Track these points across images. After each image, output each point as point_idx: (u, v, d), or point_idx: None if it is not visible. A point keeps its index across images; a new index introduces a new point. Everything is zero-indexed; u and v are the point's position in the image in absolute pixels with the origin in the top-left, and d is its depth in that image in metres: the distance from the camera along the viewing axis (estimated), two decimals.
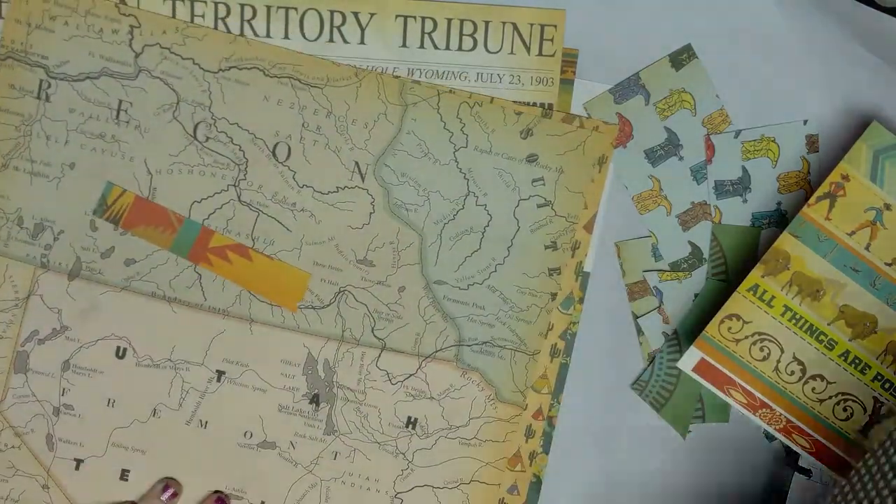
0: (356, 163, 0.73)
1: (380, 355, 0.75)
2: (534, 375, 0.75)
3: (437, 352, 0.75)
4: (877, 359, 0.70)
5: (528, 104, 0.72)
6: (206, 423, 0.75)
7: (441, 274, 0.74)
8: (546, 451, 0.76)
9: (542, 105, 0.72)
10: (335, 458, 0.76)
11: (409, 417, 0.76)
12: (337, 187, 0.74)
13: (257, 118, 0.73)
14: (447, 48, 0.72)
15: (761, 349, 0.71)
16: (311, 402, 0.75)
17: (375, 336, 0.75)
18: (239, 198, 0.74)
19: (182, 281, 0.74)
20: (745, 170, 0.74)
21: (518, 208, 0.74)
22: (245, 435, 0.75)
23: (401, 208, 0.74)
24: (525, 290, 0.74)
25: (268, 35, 0.72)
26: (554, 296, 0.74)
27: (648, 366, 0.75)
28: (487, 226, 0.74)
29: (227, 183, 0.73)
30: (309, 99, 0.73)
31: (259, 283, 0.74)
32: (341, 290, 0.74)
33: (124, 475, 0.75)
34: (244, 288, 0.74)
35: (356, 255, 0.74)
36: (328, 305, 0.74)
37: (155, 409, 0.75)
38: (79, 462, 0.75)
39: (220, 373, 0.75)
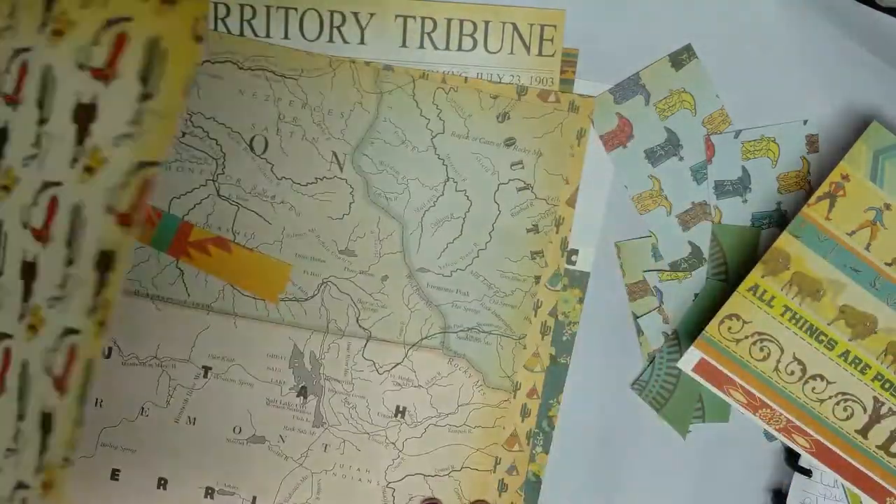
0: (334, 153, 0.73)
1: (365, 345, 0.75)
2: (521, 359, 0.75)
3: (422, 340, 0.75)
4: (877, 359, 0.70)
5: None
6: (195, 419, 0.74)
7: (424, 261, 0.74)
8: (546, 450, 0.75)
9: (517, 84, 0.73)
10: (325, 451, 0.75)
11: (398, 406, 0.75)
12: (315, 178, 0.74)
13: (233, 112, 0.73)
14: (447, 48, 0.72)
15: (761, 349, 0.70)
16: (298, 395, 0.75)
17: (360, 326, 0.75)
18: (218, 192, 0.73)
19: (164, 278, 0.73)
20: (745, 170, 0.74)
21: (498, 193, 0.74)
22: (234, 430, 0.75)
23: (381, 197, 0.74)
24: (508, 275, 0.74)
25: (267, 35, 0.72)
26: (538, 279, 0.74)
27: (648, 366, 0.75)
28: (468, 211, 0.74)
29: (205, 178, 0.73)
30: (284, 90, 0.73)
31: (241, 276, 0.74)
32: (324, 281, 0.74)
33: (115, 475, 0.74)
34: (226, 281, 0.73)
35: (338, 246, 0.74)
36: (312, 297, 0.74)
37: (143, 408, 0.74)
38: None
39: (207, 368, 0.74)
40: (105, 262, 0.50)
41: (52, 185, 0.53)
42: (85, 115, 0.52)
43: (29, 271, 0.54)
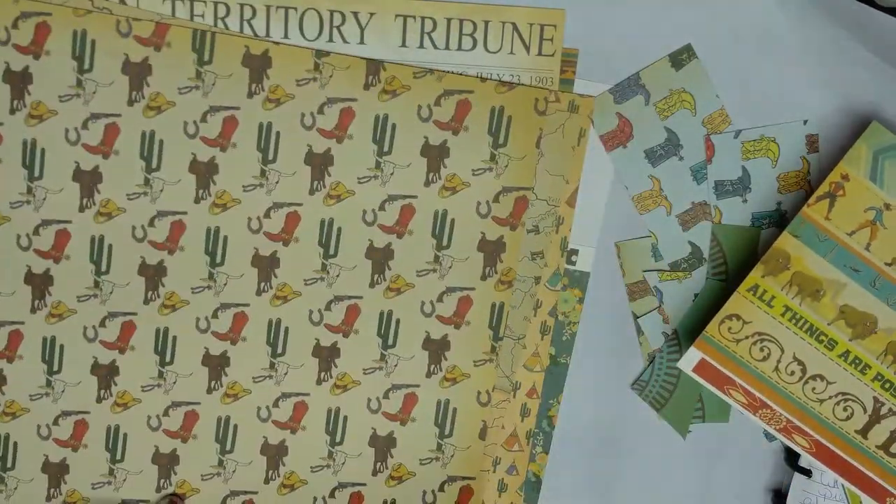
0: None
1: None
2: (520, 359, 0.75)
3: None
4: (877, 359, 0.70)
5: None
6: None
7: None
8: (546, 450, 0.76)
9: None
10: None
11: None
12: None
13: None
14: (447, 48, 0.72)
15: (761, 349, 0.70)
16: None
17: None
18: None
19: None
20: (745, 170, 0.74)
21: None
22: None
23: None
24: None
25: (267, 35, 0.72)
26: (538, 279, 0.74)
27: (648, 366, 0.75)
28: None
29: None
30: None
31: None
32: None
33: None
34: None
35: None
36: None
37: None
38: None
39: None
40: None
41: (407, 197, 0.73)
42: (437, 152, 0.72)
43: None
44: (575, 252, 0.74)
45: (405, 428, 0.75)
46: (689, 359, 0.71)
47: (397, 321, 0.74)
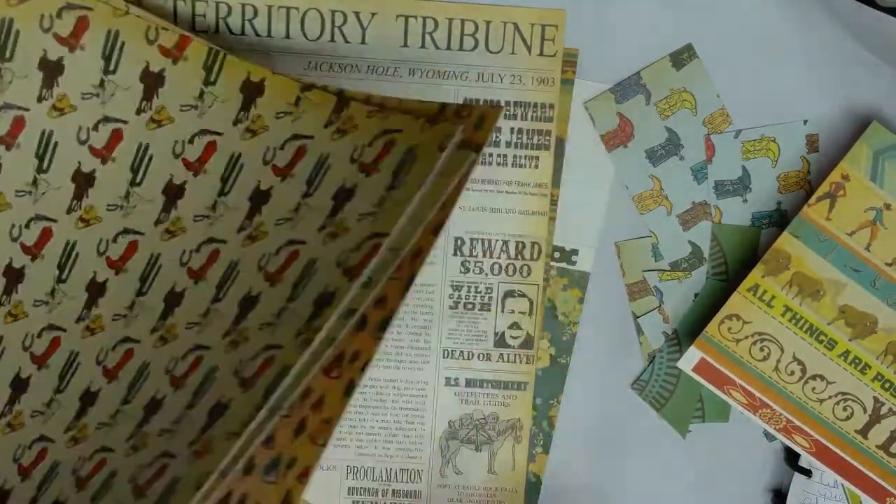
0: None
1: None
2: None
3: None
4: (877, 359, 0.70)
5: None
6: None
7: None
8: (546, 450, 0.76)
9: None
10: None
11: None
12: None
13: None
14: (448, 48, 0.72)
15: (761, 349, 0.71)
16: None
17: None
18: None
19: None
20: (745, 170, 0.74)
21: None
22: None
23: None
24: None
25: (269, 35, 0.72)
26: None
27: (648, 366, 0.75)
28: None
29: None
30: None
31: None
32: None
33: None
34: None
35: None
36: None
37: None
38: None
39: None
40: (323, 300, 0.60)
41: (298, 243, 0.64)
42: (344, 196, 0.63)
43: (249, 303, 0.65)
44: (575, 252, 0.74)
45: None
46: (689, 358, 0.71)
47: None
